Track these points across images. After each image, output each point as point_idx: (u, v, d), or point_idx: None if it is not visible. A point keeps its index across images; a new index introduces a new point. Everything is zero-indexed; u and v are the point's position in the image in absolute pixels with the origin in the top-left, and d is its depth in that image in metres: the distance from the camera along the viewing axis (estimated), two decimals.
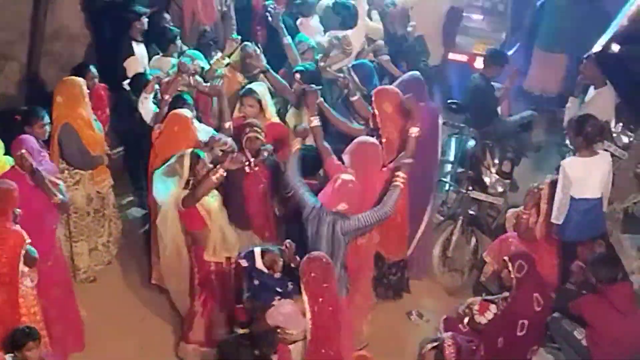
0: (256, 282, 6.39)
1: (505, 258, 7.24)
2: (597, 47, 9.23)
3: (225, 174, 7.00)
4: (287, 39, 9.12)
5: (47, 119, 7.68)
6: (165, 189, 7.24)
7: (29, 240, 6.58)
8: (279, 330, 6.18)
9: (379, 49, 9.32)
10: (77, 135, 7.88)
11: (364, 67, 8.72)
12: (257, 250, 6.48)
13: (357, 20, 9.69)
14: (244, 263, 6.45)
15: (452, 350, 6.11)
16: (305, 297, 6.02)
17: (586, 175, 7.50)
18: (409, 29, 9.95)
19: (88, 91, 8.04)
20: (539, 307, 7.11)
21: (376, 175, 7.30)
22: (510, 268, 7.12)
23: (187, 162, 7.10)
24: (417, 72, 8.33)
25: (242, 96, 8.26)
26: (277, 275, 6.46)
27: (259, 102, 8.16)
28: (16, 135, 7.44)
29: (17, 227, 6.62)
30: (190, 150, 7.20)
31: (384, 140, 7.60)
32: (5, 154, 7.43)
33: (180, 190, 7.11)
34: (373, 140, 7.48)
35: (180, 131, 7.66)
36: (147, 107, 8.13)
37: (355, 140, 7.40)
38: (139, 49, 9.20)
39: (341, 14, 9.67)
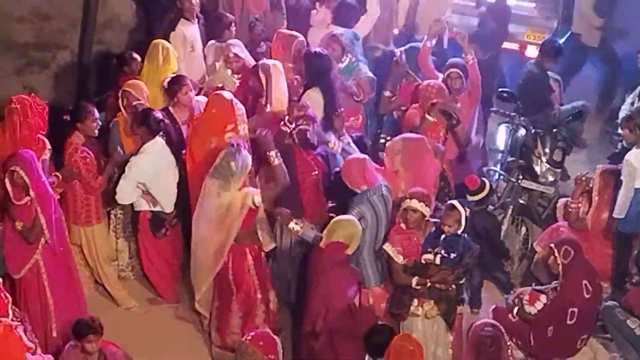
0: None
1: (551, 245, 7.18)
2: None
3: None
4: None
5: (97, 114, 7.67)
6: None
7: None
8: None
9: None
10: (118, 136, 7.91)
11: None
12: None
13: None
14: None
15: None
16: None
17: None
18: None
19: None
20: (588, 294, 7.03)
21: (431, 165, 7.42)
22: (557, 254, 7.05)
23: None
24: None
25: None
26: None
27: None
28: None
29: None
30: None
31: None
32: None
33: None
34: (417, 135, 7.55)
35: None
36: None
37: (399, 139, 7.44)
38: (189, 29, 9.10)
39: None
